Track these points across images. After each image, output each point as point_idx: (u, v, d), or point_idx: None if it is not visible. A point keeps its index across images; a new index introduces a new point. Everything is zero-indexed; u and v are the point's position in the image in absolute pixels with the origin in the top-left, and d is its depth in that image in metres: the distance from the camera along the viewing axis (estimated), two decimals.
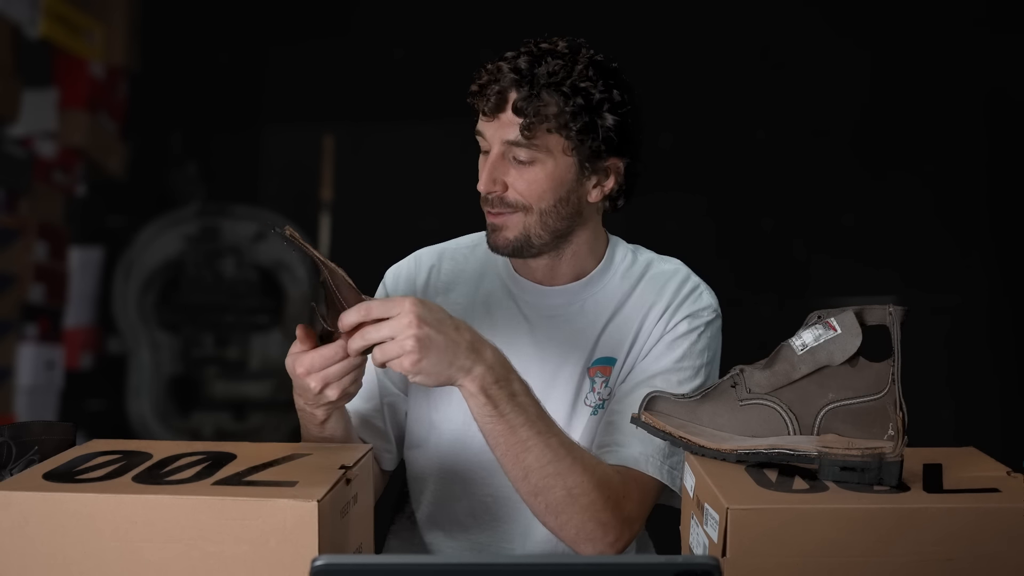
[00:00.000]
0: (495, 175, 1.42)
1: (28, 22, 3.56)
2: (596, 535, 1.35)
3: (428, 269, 1.58)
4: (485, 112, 1.42)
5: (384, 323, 1.23)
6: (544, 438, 1.31)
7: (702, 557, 0.82)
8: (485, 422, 1.30)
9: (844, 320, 1.20)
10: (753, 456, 1.20)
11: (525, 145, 1.40)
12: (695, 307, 1.51)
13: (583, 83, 1.40)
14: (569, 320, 1.51)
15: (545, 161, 1.42)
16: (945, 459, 1.15)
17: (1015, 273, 3.65)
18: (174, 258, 4.11)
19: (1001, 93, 3.67)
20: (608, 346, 1.50)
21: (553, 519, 1.35)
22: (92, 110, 3.71)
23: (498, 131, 1.42)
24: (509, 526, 1.51)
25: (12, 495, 1.10)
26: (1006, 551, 1.07)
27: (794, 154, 3.73)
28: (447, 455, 1.53)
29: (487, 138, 1.44)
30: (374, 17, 3.82)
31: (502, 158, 1.42)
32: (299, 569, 1.05)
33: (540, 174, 1.42)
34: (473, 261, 1.59)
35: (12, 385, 3.55)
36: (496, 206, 1.44)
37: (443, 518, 1.55)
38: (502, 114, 1.41)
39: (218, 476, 1.15)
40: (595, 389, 1.49)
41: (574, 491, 1.32)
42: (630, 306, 1.52)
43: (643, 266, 1.55)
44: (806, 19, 3.71)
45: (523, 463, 1.31)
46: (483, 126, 1.44)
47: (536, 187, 1.42)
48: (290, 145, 4.06)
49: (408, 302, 1.23)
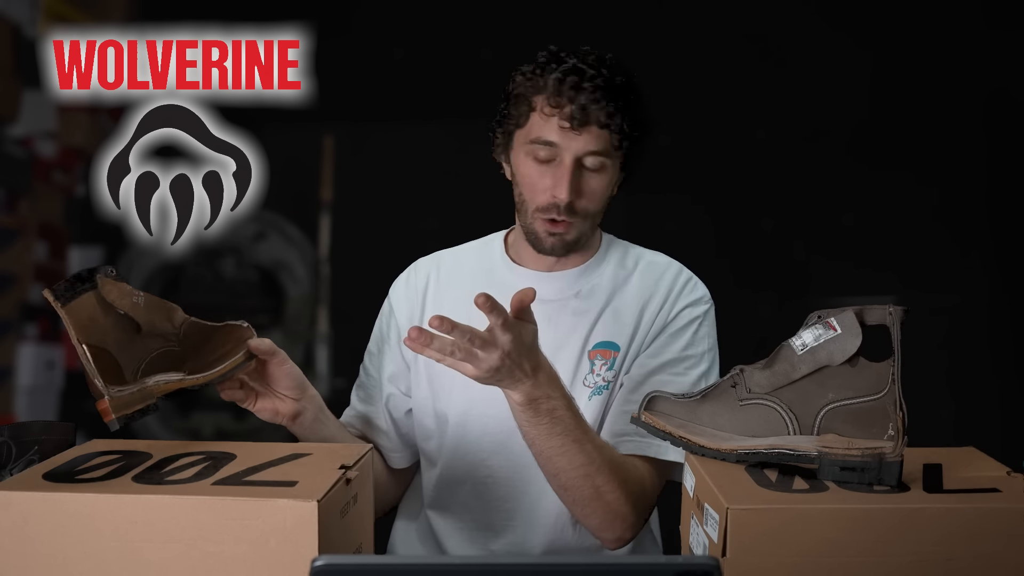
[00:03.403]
0: (575, 185, 1.48)
1: (28, 22, 3.56)
2: (615, 525, 1.46)
3: (427, 275, 1.64)
4: (571, 126, 1.46)
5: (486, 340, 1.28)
6: (579, 444, 1.39)
7: (702, 557, 0.82)
8: (524, 427, 1.39)
9: (844, 320, 1.20)
10: (753, 456, 1.20)
11: (603, 154, 1.48)
12: (692, 297, 1.58)
13: (634, 94, 1.49)
14: (567, 305, 1.57)
15: (608, 167, 1.50)
16: (945, 459, 1.15)
17: (1015, 273, 3.65)
18: (174, 258, 4.11)
19: (1001, 93, 3.67)
20: (607, 330, 1.56)
21: (579, 510, 1.46)
22: (92, 110, 3.71)
23: (580, 143, 1.47)
24: (513, 504, 1.55)
25: (12, 495, 1.11)
26: (1006, 551, 1.07)
27: (794, 154, 3.73)
28: (450, 439, 1.58)
29: (562, 148, 1.47)
30: (374, 17, 3.82)
31: (578, 167, 1.48)
32: (299, 569, 1.05)
33: (605, 180, 1.50)
34: (471, 259, 1.64)
35: (12, 385, 3.56)
36: (564, 213, 1.49)
37: (448, 500, 1.59)
38: (587, 127, 1.46)
39: (218, 476, 1.15)
40: (594, 371, 1.55)
41: (601, 489, 1.42)
42: (628, 293, 1.58)
43: (636, 257, 1.62)
44: (806, 19, 3.71)
45: (556, 464, 1.41)
46: (557, 137, 1.47)
47: (602, 194, 1.51)
48: (290, 145, 4.07)
49: (513, 335, 1.29)
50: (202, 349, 1.35)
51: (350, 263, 3.97)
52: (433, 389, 1.59)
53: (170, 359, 1.30)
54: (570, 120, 1.45)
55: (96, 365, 1.21)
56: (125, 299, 1.26)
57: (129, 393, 1.22)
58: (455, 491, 1.58)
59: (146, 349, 1.27)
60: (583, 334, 1.56)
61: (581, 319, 1.56)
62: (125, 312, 1.25)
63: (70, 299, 1.23)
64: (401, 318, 1.62)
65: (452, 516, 1.59)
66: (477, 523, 1.57)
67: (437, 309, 1.59)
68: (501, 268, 1.61)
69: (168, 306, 1.31)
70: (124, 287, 1.26)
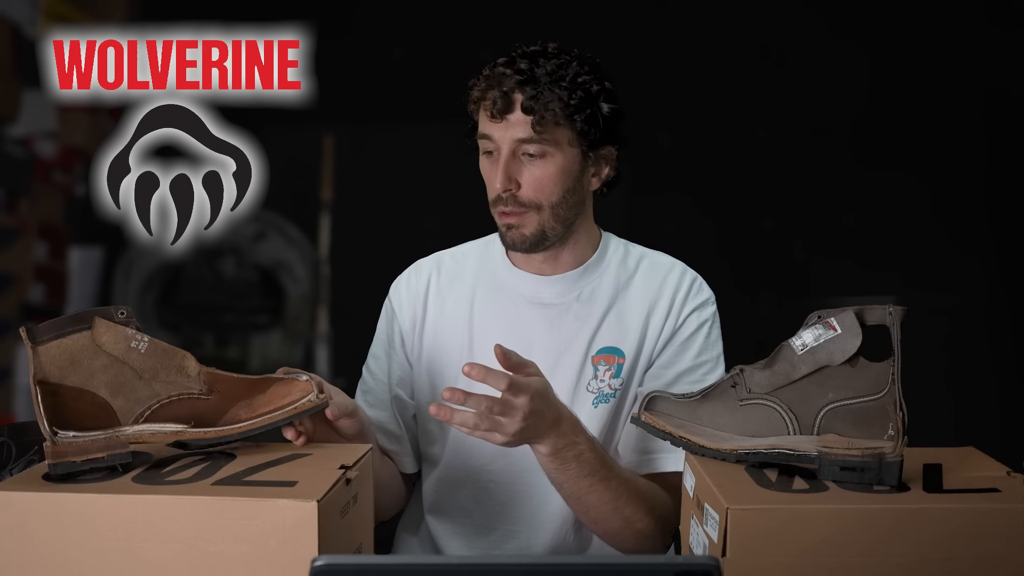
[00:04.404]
0: (510, 173, 1.48)
1: (28, 22, 3.56)
2: (647, 547, 1.48)
3: (428, 276, 1.63)
4: (494, 115, 1.47)
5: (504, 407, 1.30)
6: (605, 483, 1.41)
7: (702, 557, 0.82)
8: (553, 474, 1.42)
9: (844, 320, 1.20)
10: (753, 456, 1.20)
11: (537, 140, 1.47)
12: (699, 300, 1.57)
13: (581, 78, 1.48)
14: (568, 308, 1.56)
15: (554, 154, 1.48)
16: (945, 459, 1.15)
17: (1014, 273, 3.65)
18: (174, 258, 4.11)
19: (1001, 93, 3.67)
20: (611, 335, 1.55)
21: (611, 539, 1.49)
22: (92, 110, 3.71)
23: (508, 131, 1.48)
24: (514, 509, 1.55)
25: (12, 495, 1.11)
26: (1006, 551, 1.07)
27: (794, 154, 3.73)
28: (452, 444, 1.57)
29: (495, 139, 1.49)
30: (374, 17, 3.82)
31: (513, 157, 1.48)
32: (299, 569, 1.05)
33: (551, 168, 1.49)
34: (472, 260, 1.63)
35: (12, 385, 3.55)
36: (510, 204, 1.49)
37: (448, 505, 1.59)
38: (510, 115, 1.47)
39: (218, 476, 1.15)
40: (598, 376, 1.54)
41: (630, 519, 1.44)
42: (631, 296, 1.56)
43: (637, 258, 1.60)
44: (806, 19, 3.71)
45: (584, 503, 1.43)
46: (490, 128, 1.49)
47: (547, 182, 1.49)
48: (290, 145, 4.07)
49: (527, 396, 1.30)
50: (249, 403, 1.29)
51: (350, 263, 3.97)
52: (436, 394, 1.56)
53: (193, 408, 1.25)
54: (492, 108, 1.47)
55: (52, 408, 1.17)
56: (120, 344, 1.21)
57: (88, 440, 1.17)
58: (456, 495, 1.57)
59: (153, 394, 1.22)
60: (586, 339, 1.54)
61: (584, 324, 1.55)
62: (118, 357, 1.21)
63: (53, 339, 1.19)
64: (404, 321, 1.61)
65: (452, 521, 1.58)
66: (477, 527, 1.56)
67: (439, 311, 1.59)
68: (501, 270, 1.60)
69: (178, 353, 1.24)
70: (122, 331, 1.21)
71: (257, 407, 1.28)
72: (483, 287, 1.59)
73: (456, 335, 1.57)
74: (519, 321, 1.56)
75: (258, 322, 4.15)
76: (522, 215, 1.50)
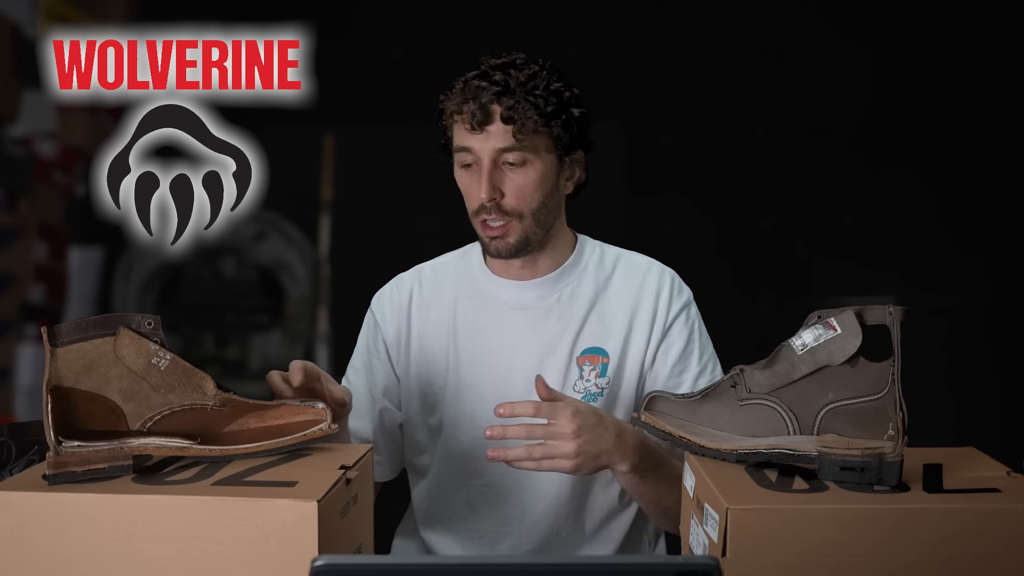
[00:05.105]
0: (494, 183, 1.51)
1: (28, 22, 3.56)
2: None
3: (409, 290, 1.65)
4: (473, 127, 1.50)
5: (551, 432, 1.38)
6: (668, 481, 1.46)
7: (702, 557, 0.82)
8: (635, 488, 1.49)
9: (844, 320, 1.20)
10: (753, 456, 1.20)
11: (517, 148, 1.50)
12: (681, 301, 1.60)
13: (552, 85, 1.52)
14: (550, 310, 1.59)
15: (534, 161, 1.51)
16: (945, 459, 1.15)
17: (1014, 273, 3.65)
18: (174, 258, 4.11)
19: (1001, 92, 3.67)
20: (594, 336, 1.58)
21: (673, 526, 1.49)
22: (92, 110, 3.71)
23: (488, 142, 1.50)
24: (506, 511, 1.57)
25: (12, 495, 1.11)
26: (1006, 551, 1.07)
27: (794, 154, 3.73)
28: (442, 452, 1.59)
29: (476, 151, 1.51)
30: (374, 17, 3.82)
31: (495, 166, 1.51)
32: (299, 569, 1.05)
33: (532, 175, 1.51)
34: (451, 270, 1.66)
35: (12, 385, 3.55)
36: (493, 213, 1.52)
37: (441, 512, 1.60)
38: (490, 126, 1.50)
39: (218, 476, 1.15)
40: (584, 376, 1.56)
41: None
42: (611, 297, 1.59)
43: (613, 258, 1.63)
44: (806, 19, 3.71)
45: (660, 504, 1.50)
46: (469, 140, 1.51)
47: (528, 189, 1.52)
48: (290, 145, 4.07)
49: (568, 414, 1.38)
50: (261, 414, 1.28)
51: (350, 263, 3.96)
52: (425, 404, 1.60)
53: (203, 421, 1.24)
54: (472, 120, 1.49)
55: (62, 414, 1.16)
56: (140, 359, 1.19)
57: (91, 450, 1.16)
58: (448, 503, 1.59)
59: (165, 403, 1.21)
60: (570, 340, 1.57)
61: (566, 325, 1.58)
62: (137, 372, 1.19)
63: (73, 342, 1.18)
64: (388, 333, 1.62)
65: (446, 529, 1.60)
66: (472, 533, 1.58)
67: (422, 323, 1.62)
68: (481, 279, 1.62)
69: (197, 374, 1.23)
70: (145, 347, 1.19)
71: (267, 419, 1.27)
72: (464, 296, 1.62)
73: (441, 344, 1.59)
74: (502, 326, 1.58)
75: (258, 322, 4.15)
76: (505, 226, 1.52)
